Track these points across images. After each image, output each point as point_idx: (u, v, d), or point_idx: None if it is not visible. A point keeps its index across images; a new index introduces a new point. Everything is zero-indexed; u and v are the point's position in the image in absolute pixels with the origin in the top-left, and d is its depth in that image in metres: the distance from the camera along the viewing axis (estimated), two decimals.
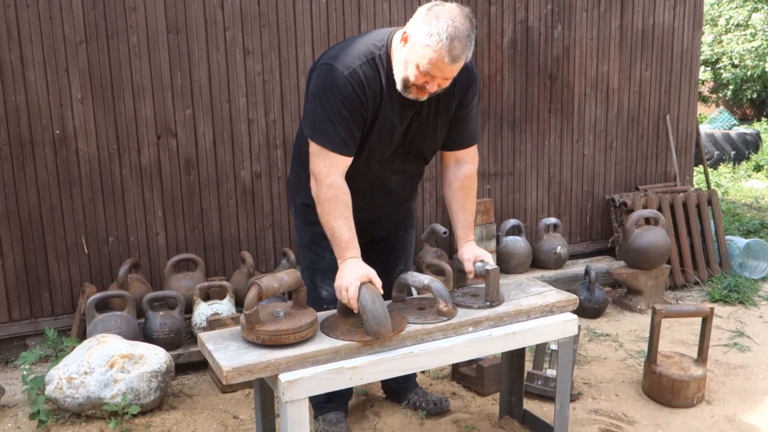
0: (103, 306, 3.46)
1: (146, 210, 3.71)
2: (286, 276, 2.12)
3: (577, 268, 4.61)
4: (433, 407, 2.87)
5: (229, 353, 2.01)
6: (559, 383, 2.48)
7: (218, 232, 3.89)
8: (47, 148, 3.45)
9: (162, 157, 3.71)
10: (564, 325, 2.41)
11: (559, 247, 4.54)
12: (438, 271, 4.00)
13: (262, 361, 1.96)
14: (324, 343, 2.07)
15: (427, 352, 2.16)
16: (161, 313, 3.34)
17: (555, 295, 2.48)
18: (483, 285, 2.45)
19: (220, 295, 3.54)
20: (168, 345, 3.28)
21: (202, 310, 3.40)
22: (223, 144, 3.83)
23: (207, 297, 3.53)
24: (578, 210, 5.01)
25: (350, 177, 2.27)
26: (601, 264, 4.73)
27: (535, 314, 2.39)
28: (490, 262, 2.40)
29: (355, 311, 2.12)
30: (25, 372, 2.86)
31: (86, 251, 3.60)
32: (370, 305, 2.07)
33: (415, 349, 2.15)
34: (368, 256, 2.83)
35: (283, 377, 1.97)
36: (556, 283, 4.45)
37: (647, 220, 4.45)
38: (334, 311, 2.30)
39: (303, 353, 2.01)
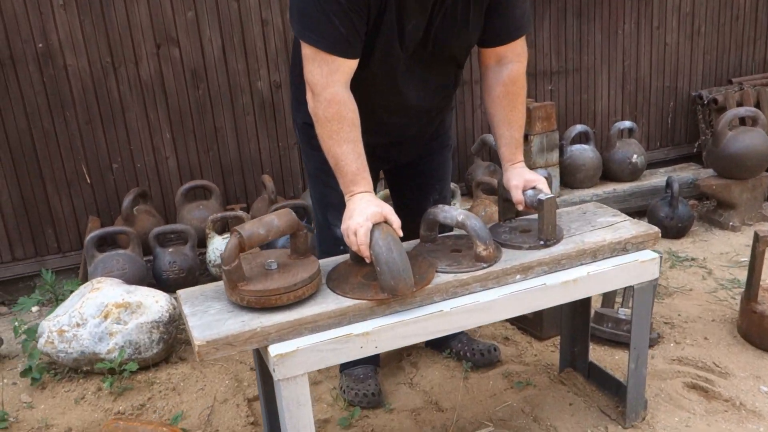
0: (110, 242, 3.14)
1: (152, 132, 3.31)
2: (277, 219, 1.68)
3: (656, 179, 4.01)
4: (480, 358, 2.46)
5: (206, 319, 1.62)
6: (634, 336, 2.00)
7: (236, 153, 3.47)
8: (31, 65, 3.06)
9: (164, 70, 3.27)
10: (641, 267, 1.91)
11: (634, 156, 3.93)
12: (489, 190, 3.49)
13: (246, 330, 1.56)
14: (327, 303, 1.65)
15: (461, 310, 1.72)
16: (171, 249, 3.00)
17: (630, 228, 1.97)
18: (533, 218, 1.96)
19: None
20: (179, 285, 2.93)
21: (217, 245, 3.04)
22: (234, 51, 3.35)
23: (223, 229, 3.16)
24: (658, 111, 4.34)
25: (358, 87, 1.77)
26: (685, 174, 4.10)
27: (603, 254, 1.90)
28: (545, 189, 1.89)
29: (368, 260, 1.67)
30: (16, 323, 2.58)
31: (89, 181, 3.26)
32: (385, 253, 1.62)
33: (445, 307, 1.71)
34: (392, 186, 2.39)
35: (274, 349, 1.57)
36: (631, 198, 3.89)
37: (743, 120, 3.78)
38: (347, 257, 1.86)
39: (299, 318, 1.60)
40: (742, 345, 2.53)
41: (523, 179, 1.91)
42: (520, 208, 1.93)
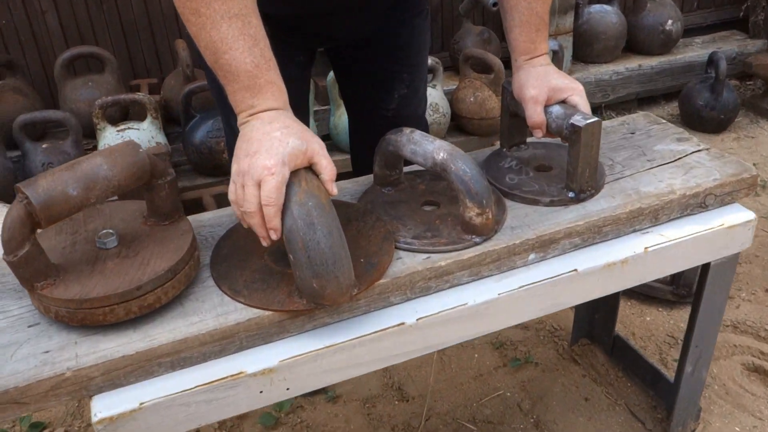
0: None
1: None
2: (107, 164, 0.95)
3: (692, 52, 3.25)
4: None
5: None
6: (699, 329, 1.36)
7: (141, 9, 2.60)
8: None
9: None
10: (728, 236, 1.23)
11: (669, 22, 3.13)
12: (482, 66, 2.71)
13: (46, 374, 0.88)
14: (203, 314, 0.97)
15: (435, 321, 1.04)
16: (45, 145, 2.24)
17: (710, 166, 1.28)
18: (558, 144, 1.25)
19: (138, 114, 2.37)
20: None
21: (110, 140, 2.27)
22: None
23: (122, 117, 2.38)
24: None
25: None
26: (727, 45, 3.32)
27: (669, 213, 1.20)
28: (582, 105, 1.16)
29: (274, 238, 0.97)
30: None
31: None
32: (305, 233, 0.92)
33: (408, 316, 1.03)
34: (338, 75, 1.62)
35: (98, 407, 0.90)
36: (659, 76, 3.14)
37: None
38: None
39: (148, 346, 0.93)
40: None
41: (547, 86, 1.17)
42: (538, 135, 1.19)
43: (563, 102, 1.17)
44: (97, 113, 2.25)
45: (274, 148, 0.94)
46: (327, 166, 0.98)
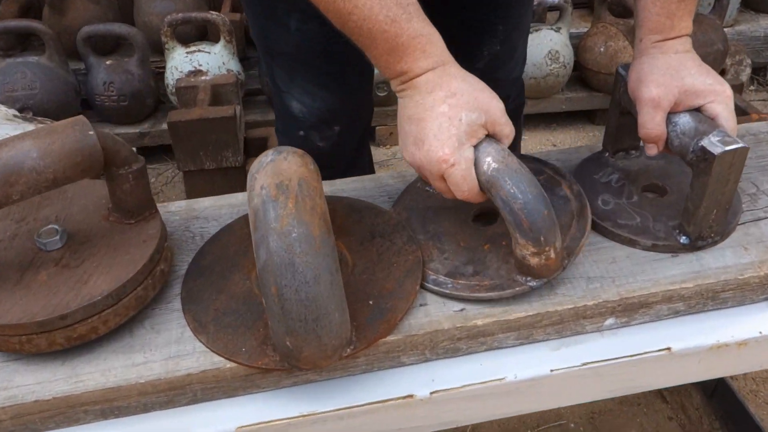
0: (21, 43, 2.25)
1: None
2: (38, 148, 0.73)
3: None
4: None
5: None
6: None
7: None
8: None
9: None
10: None
11: None
12: (623, 10, 2.28)
13: None
14: (151, 352, 0.75)
15: (456, 398, 0.77)
16: (108, 62, 2.08)
17: None
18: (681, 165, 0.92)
19: (213, 35, 2.16)
20: (121, 118, 2.08)
21: (178, 62, 2.08)
22: None
23: (197, 36, 2.17)
24: None
25: None
26: None
27: None
28: (725, 119, 0.81)
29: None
30: None
31: None
32: (284, 277, 0.69)
33: (419, 387, 0.77)
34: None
35: None
36: None
37: None
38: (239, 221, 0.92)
39: (69, 392, 0.72)
40: None
41: (678, 86, 0.82)
42: (652, 152, 0.86)
43: (697, 110, 0.83)
44: (165, 31, 2.05)
45: (445, 130, 0.74)
46: (509, 134, 0.78)
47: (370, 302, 0.78)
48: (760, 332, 0.82)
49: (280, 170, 0.71)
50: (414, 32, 0.73)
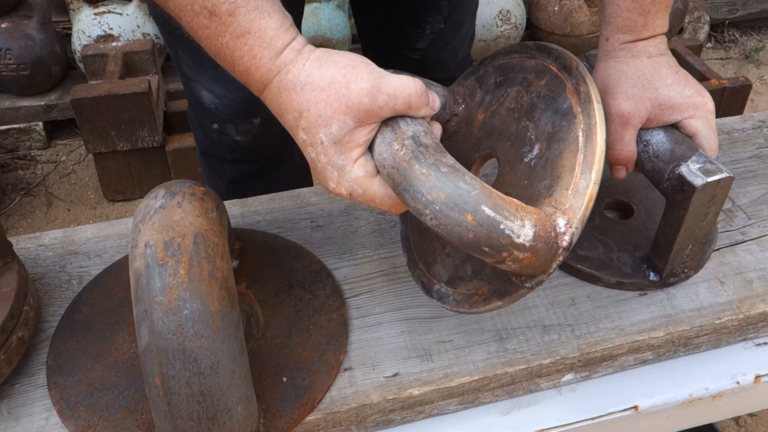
0: None
1: None
2: None
3: None
4: None
5: None
6: None
7: None
8: None
9: None
10: None
11: None
12: None
13: None
14: None
15: None
16: (4, 25, 1.84)
17: None
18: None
19: None
20: (23, 90, 1.85)
21: (85, 25, 1.86)
22: None
23: None
24: None
25: None
26: None
27: None
28: (706, 137, 0.69)
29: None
30: None
31: None
32: (173, 367, 0.56)
33: None
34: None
35: None
36: None
37: None
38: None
39: None
40: None
41: (651, 99, 0.69)
42: (620, 175, 0.73)
43: (673, 126, 0.70)
44: None
45: (316, 162, 0.57)
46: (417, 103, 0.56)
47: (284, 379, 0.64)
48: (738, 383, 0.72)
49: (171, 222, 0.57)
50: (238, 29, 0.54)
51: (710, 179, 0.64)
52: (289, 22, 0.56)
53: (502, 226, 0.50)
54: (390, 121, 0.56)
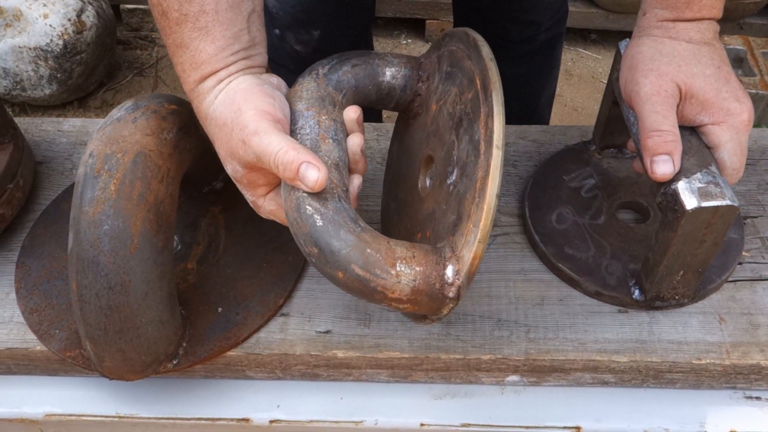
0: None
1: None
2: None
3: None
4: None
5: None
6: None
7: None
8: None
9: None
10: None
11: None
12: None
13: None
14: None
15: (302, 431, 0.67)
16: None
17: None
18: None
19: None
20: None
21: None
22: None
23: None
24: None
25: None
26: None
27: None
28: (727, 150, 0.60)
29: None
30: None
31: None
32: (86, 277, 0.60)
33: (261, 410, 0.67)
34: None
35: None
36: None
37: None
38: None
39: None
40: None
41: (681, 84, 0.59)
42: (665, 169, 0.59)
43: (693, 130, 0.61)
44: None
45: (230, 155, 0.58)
46: (283, 162, 0.52)
47: (219, 309, 0.66)
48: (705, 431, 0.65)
49: (117, 136, 0.59)
50: (179, 40, 0.55)
51: (705, 204, 0.56)
52: (236, 48, 0.56)
53: (372, 285, 0.50)
54: None
